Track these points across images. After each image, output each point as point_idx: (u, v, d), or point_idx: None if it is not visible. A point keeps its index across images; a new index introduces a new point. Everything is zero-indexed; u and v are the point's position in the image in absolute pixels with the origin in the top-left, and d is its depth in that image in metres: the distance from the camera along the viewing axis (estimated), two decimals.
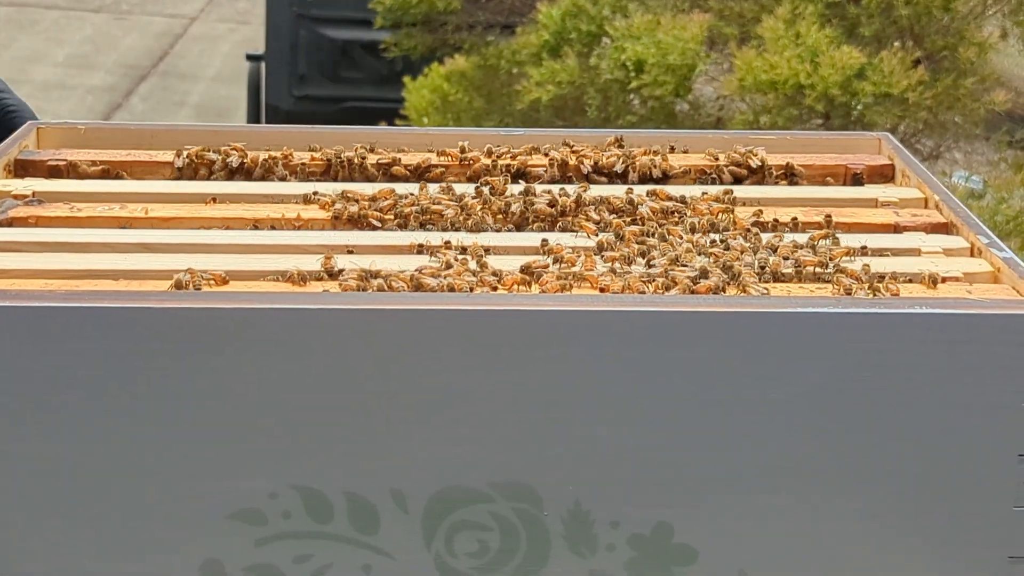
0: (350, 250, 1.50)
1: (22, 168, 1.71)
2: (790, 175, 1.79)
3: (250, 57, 7.42)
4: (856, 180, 1.80)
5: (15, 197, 1.60)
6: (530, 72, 3.93)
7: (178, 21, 11.77)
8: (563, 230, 1.58)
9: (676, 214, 1.61)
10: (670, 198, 1.65)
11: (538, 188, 1.66)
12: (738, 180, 1.77)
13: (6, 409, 1.30)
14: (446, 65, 4.75)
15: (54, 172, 1.70)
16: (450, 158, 1.75)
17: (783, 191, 1.74)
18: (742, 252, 1.50)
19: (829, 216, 1.62)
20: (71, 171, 1.70)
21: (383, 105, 6.26)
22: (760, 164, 1.77)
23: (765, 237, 1.56)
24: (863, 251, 1.53)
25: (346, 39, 6.87)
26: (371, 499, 1.36)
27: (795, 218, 1.62)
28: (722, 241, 1.54)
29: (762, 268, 1.47)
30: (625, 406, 1.35)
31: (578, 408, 1.34)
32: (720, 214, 1.60)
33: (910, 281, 1.47)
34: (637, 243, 1.52)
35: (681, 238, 1.54)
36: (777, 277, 1.46)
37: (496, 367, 1.33)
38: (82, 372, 1.30)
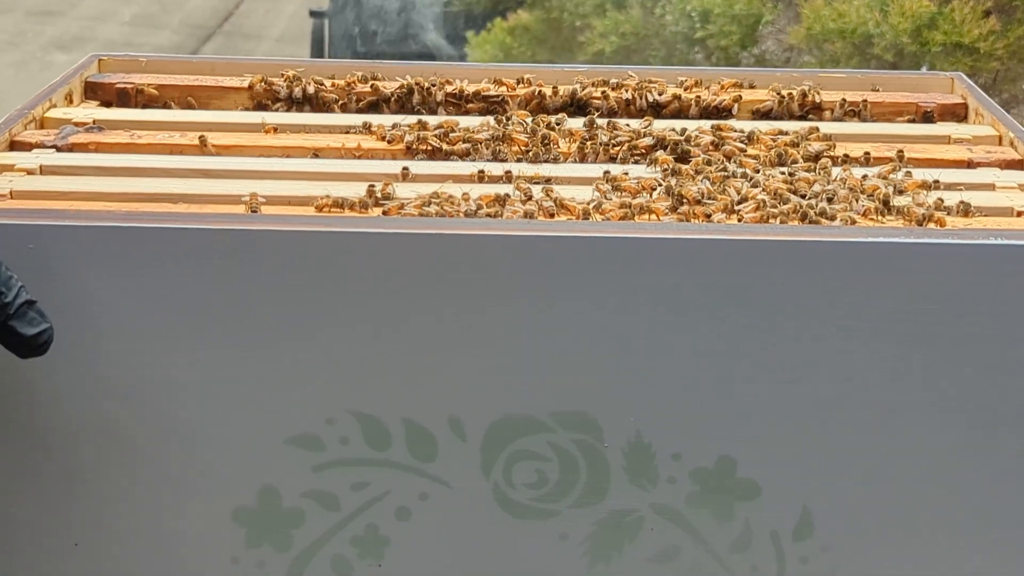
0: (411, 177, 1.48)
1: (91, 90, 1.71)
2: (860, 112, 1.75)
3: (313, 13, 7.42)
4: (927, 118, 1.76)
5: (76, 124, 1.59)
6: (594, 23, 3.89)
7: None
8: (624, 162, 1.55)
9: (741, 146, 1.58)
10: (735, 131, 1.61)
11: (601, 122, 1.63)
12: (803, 117, 1.73)
13: (65, 329, 1.29)
14: (509, 20, 4.72)
15: (121, 95, 1.69)
16: (508, 88, 1.73)
17: (853, 127, 1.70)
18: (811, 184, 1.47)
19: (901, 151, 1.59)
20: (139, 95, 1.70)
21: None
22: (819, 101, 1.74)
23: (835, 171, 1.52)
24: (936, 185, 1.50)
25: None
26: (429, 427, 1.34)
27: (867, 153, 1.59)
28: (790, 174, 1.50)
29: (830, 200, 1.43)
30: (688, 336, 1.32)
31: (640, 338, 1.32)
32: (786, 148, 1.57)
33: (985, 215, 1.44)
34: (700, 173, 1.49)
35: (747, 170, 1.51)
36: (848, 209, 1.42)
37: (558, 295, 1.31)
38: (135, 294, 1.29)
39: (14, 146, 1.53)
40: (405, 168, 1.48)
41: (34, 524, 1.34)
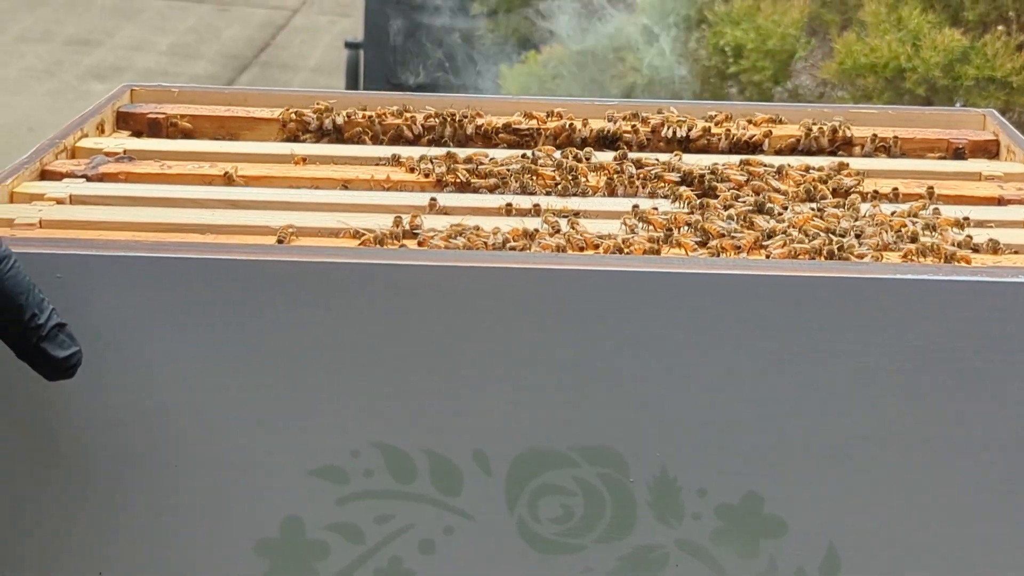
0: (439, 208, 1.48)
1: (122, 120, 1.72)
2: (890, 148, 1.74)
3: (348, 45, 7.45)
4: (958, 155, 1.75)
5: (107, 154, 1.60)
6: (627, 57, 3.90)
7: (280, 13, 11.85)
8: (652, 195, 1.55)
9: (770, 183, 1.58)
10: (764, 166, 1.61)
11: (630, 155, 1.63)
12: (833, 153, 1.73)
13: (91, 358, 1.29)
14: (542, 52, 4.73)
15: (153, 125, 1.70)
16: (539, 122, 1.73)
17: (883, 163, 1.70)
18: (839, 219, 1.46)
19: (931, 188, 1.58)
20: (169, 126, 1.71)
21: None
22: (850, 136, 1.73)
23: (864, 208, 1.52)
24: (966, 222, 1.49)
25: (443, 26, 6.86)
26: (454, 460, 1.34)
27: (895, 188, 1.58)
28: (819, 209, 1.50)
29: (858, 236, 1.43)
30: (715, 371, 1.31)
31: (667, 373, 1.32)
32: (815, 183, 1.56)
33: (1015, 253, 1.43)
34: (728, 208, 1.48)
35: (775, 206, 1.50)
36: (877, 246, 1.42)
37: (584, 329, 1.30)
38: (162, 324, 1.29)
39: (45, 175, 1.54)
40: (433, 199, 1.49)
41: (58, 553, 1.35)
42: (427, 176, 1.58)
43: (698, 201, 1.50)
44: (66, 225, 1.40)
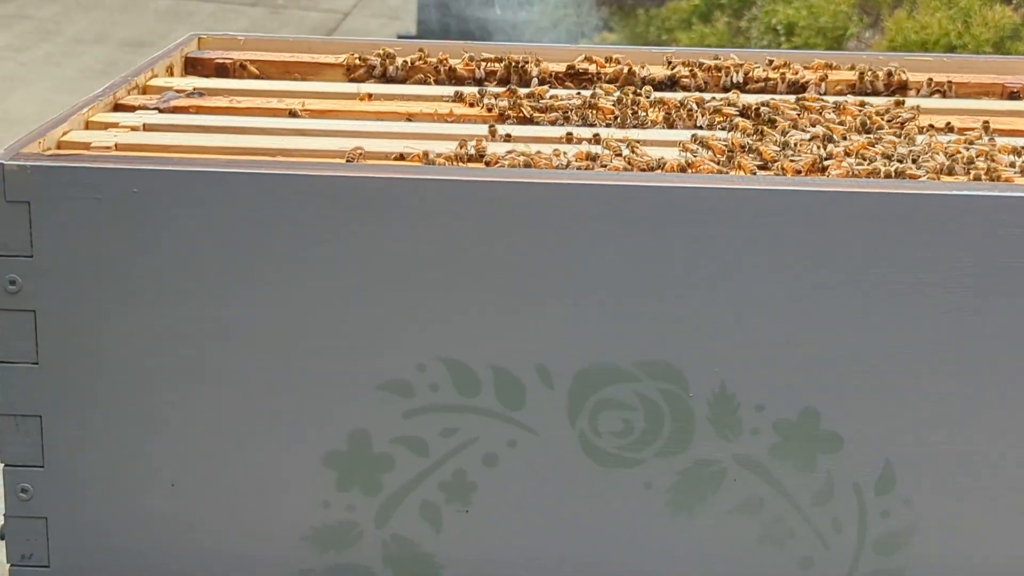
0: (501, 136, 1.51)
1: (191, 66, 1.77)
2: (945, 92, 1.76)
3: (401, 39, 7.49)
4: (1012, 98, 1.77)
5: (177, 91, 1.64)
6: (679, 37, 3.92)
7: (332, 16, 11.93)
8: (711, 127, 1.58)
9: (828, 116, 1.60)
10: (820, 101, 1.63)
11: (688, 94, 1.66)
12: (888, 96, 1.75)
13: (166, 272, 1.33)
14: (594, 40, 4.76)
15: (220, 70, 1.75)
16: (598, 66, 1.76)
17: (938, 102, 1.72)
18: (896, 146, 1.48)
19: (987, 122, 1.60)
20: (237, 70, 1.75)
21: None
22: (905, 80, 1.75)
23: (920, 138, 1.54)
24: (1021, 151, 1.51)
25: (495, 21, 6.89)
26: (517, 374, 1.37)
27: (949, 123, 1.60)
28: (876, 139, 1.52)
29: (915, 161, 1.45)
30: (774, 288, 1.34)
31: (726, 289, 1.34)
32: (871, 116, 1.59)
33: None
34: (786, 135, 1.51)
35: (832, 134, 1.53)
36: (934, 169, 1.44)
37: (646, 246, 1.33)
38: (235, 238, 1.33)
39: (118, 108, 1.59)
40: (494, 127, 1.52)
41: (134, 465, 1.39)
42: (490, 111, 1.61)
43: (756, 129, 1.53)
44: (140, 149, 1.44)
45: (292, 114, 1.58)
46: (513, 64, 1.77)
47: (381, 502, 1.39)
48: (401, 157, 1.42)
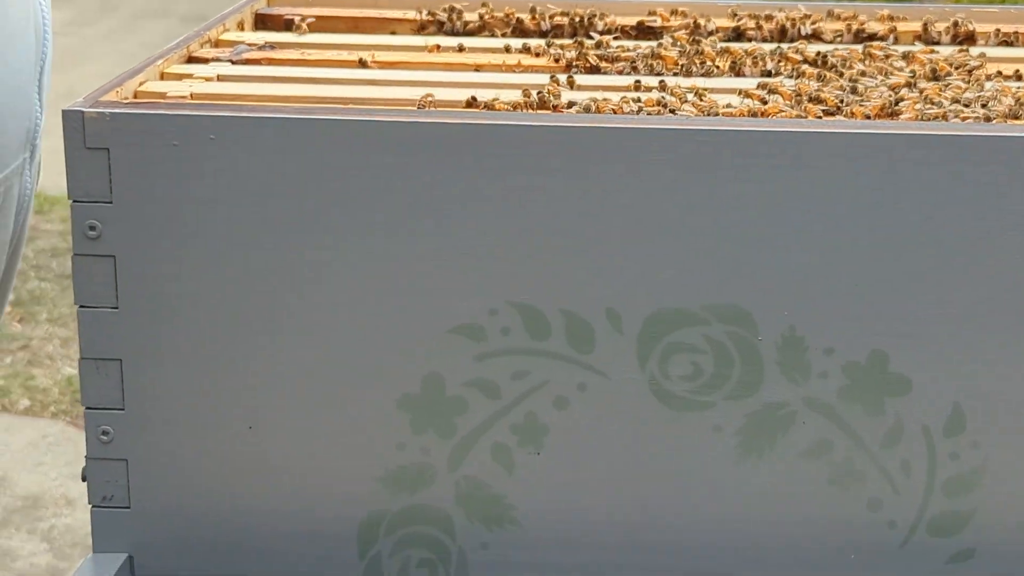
0: (567, 83, 1.53)
1: (260, 22, 1.79)
2: (1012, 43, 1.76)
3: None
4: None
5: (249, 44, 1.67)
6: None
7: None
8: (777, 75, 1.59)
9: (896, 65, 1.61)
10: (887, 50, 1.64)
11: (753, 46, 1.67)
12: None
13: (242, 218, 1.35)
14: None
15: (289, 25, 1.77)
16: (663, 19, 1.77)
17: (1006, 51, 1.72)
18: (964, 91, 1.49)
19: None
20: (305, 25, 1.77)
21: None
22: (972, 30, 1.75)
23: (988, 85, 1.54)
24: None
25: None
26: (587, 317, 1.38)
27: (1018, 71, 1.60)
28: (944, 85, 1.52)
29: (984, 106, 1.45)
30: (843, 231, 1.35)
31: (795, 232, 1.35)
32: (939, 63, 1.59)
33: None
34: (855, 82, 1.52)
35: (900, 80, 1.53)
36: (1004, 113, 1.44)
37: (715, 189, 1.34)
38: (310, 184, 1.35)
39: (192, 60, 1.61)
40: (557, 76, 1.54)
41: (212, 408, 1.41)
42: (557, 61, 1.63)
43: (821, 76, 1.53)
44: (215, 98, 1.47)
45: (362, 63, 1.60)
46: (579, 18, 1.78)
47: (454, 444, 1.42)
48: (471, 103, 1.43)
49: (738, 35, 1.77)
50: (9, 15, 1.56)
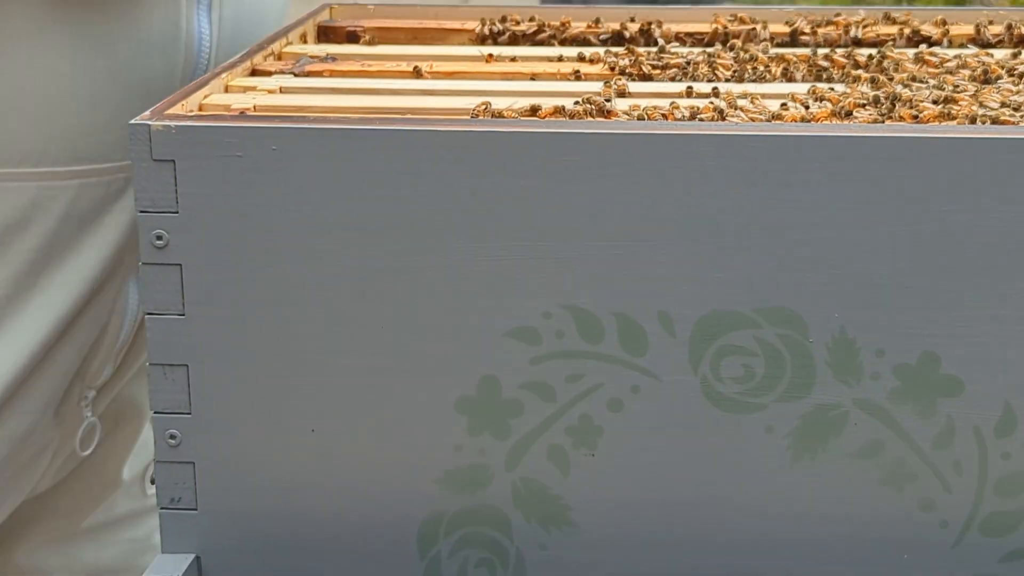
0: (622, 91, 1.55)
1: (323, 34, 1.84)
2: None
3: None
4: None
5: (311, 56, 1.71)
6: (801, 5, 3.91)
7: None
8: (829, 80, 1.60)
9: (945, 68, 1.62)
10: (938, 56, 1.65)
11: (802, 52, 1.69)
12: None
13: (305, 226, 1.39)
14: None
15: (351, 37, 1.81)
16: (720, 26, 1.80)
17: None
18: (1013, 94, 1.50)
19: None
20: (368, 37, 1.82)
21: None
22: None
23: None
24: None
25: None
26: (639, 320, 1.41)
27: None
28: (995, 88, 1.54)
29: None
30: (892, 232, 1.36)
31: (845, 234, 1.37)
32: (991, 66, 1.60)
33: None
34: (906, 87, 1.53)
35: (948, 85, 1.55)
36: None
37: (766, 193, 1.36)
38: (371, 193, 1.38)
39: (255, 73, 1.66)
40: (610, 83, 1.56)
41: (276, 412, 1.45)
42: (612, 69, 1.66)
43: (877, 79, 1.55)
44: (278, 110, 1.51)
45: (417, 71, 1.64)
46: (636, 27, 1.81)
47: (511, 446, 1.45)
48: (533, 111, 1.46)
49: (793, 41, 1.79)
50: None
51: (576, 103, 1.47)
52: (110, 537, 2.05)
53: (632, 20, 1.83)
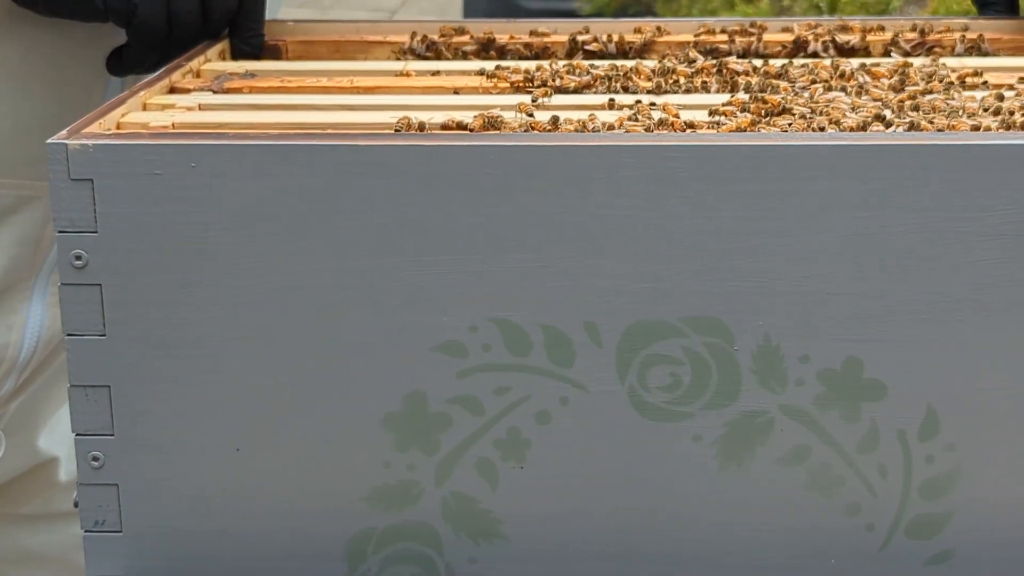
0: (540, 104, 1.56)
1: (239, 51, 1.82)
2: (978, 48, 1.79)
3: None
4: None
5: (230, 73, 1.69)
6: (721, 15, 3.95)
7: (379, 14, 12.04)
8: (747, 90, 1.61)
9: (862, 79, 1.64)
10: (848, 65, 1.67)
11: (731, 61, 1.70)
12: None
13: (223, 243, 1.38)
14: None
15: (272, 52, 1.80)
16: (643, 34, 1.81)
17: (975, 61, 1.75)
18: (924, 94, 1.52)
19: (1022, 77, 1.63)
20: (286, 51, 1.81)
21: None
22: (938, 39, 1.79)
23: (955, 95, 1.57)
24: None
25: (542, 10, 6.99)
26: (566, 332, 1.41)
27: (984, 81, 1.63)
28: (910, 96, 1.55)
29: (947, 115, 1.48)
30: (813, 240, 1.37)
31: (767, 243, 1.37)
32: (906, 67, 1.62)
33: None
34: (820, 96, 1.55)
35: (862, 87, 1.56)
36: (972, 117, 1.47)
37: (686, 203, 1.37)
38: (290, 209, 1.37)
39: (174, 91, 1.64)
40: (533, 95, 1.56)
41: (200, 431, 1.44)
42: (531, 82, 1.66)
43: (792, 89, 1.56)
44: (196, 127, 1.50)
45: (340, 88, 1.63)
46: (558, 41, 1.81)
47: (439, 460, 1.44)
48: (460, 126, 1.46)
49: (711, 51, 1.80)
50: None
51: (475, 117, 1.47)
52: (49, 527, 2.06)
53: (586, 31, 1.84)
